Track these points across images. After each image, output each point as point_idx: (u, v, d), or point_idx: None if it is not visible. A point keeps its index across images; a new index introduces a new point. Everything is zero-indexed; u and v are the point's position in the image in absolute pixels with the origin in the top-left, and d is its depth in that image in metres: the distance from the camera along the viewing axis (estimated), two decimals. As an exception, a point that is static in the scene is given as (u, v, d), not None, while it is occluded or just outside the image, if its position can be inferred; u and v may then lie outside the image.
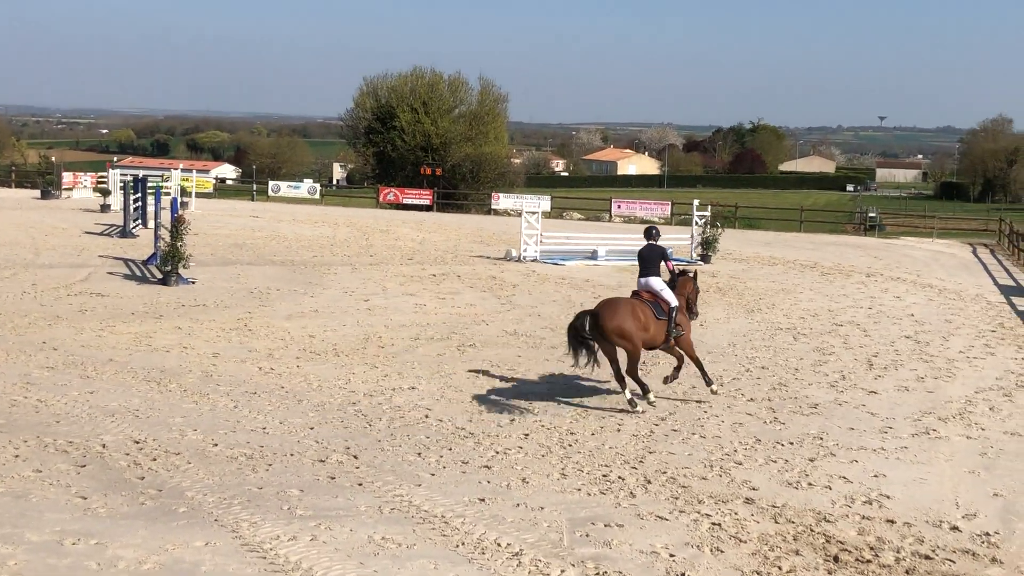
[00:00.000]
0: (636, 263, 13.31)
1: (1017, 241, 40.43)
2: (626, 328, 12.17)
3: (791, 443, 11.16)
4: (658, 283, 12.97)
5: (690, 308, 13.28)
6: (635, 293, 12.96)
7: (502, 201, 54.91)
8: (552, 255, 28.98)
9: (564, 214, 57.80)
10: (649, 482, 9.59)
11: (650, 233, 13.65)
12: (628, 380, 12.27)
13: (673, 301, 12.80)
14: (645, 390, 12.43)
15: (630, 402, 12.15)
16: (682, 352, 12.97)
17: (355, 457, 10.00)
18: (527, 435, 11.00)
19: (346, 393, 12.52)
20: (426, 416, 11.64)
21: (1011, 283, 29.67)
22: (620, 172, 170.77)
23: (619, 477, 9.69)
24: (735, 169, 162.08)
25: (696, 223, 30.26)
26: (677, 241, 31.44)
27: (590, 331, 12.10)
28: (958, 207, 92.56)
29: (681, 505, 9.01)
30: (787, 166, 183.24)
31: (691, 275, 13.44)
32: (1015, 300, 24.92)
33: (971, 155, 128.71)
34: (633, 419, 11.78)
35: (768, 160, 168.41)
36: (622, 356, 12.31)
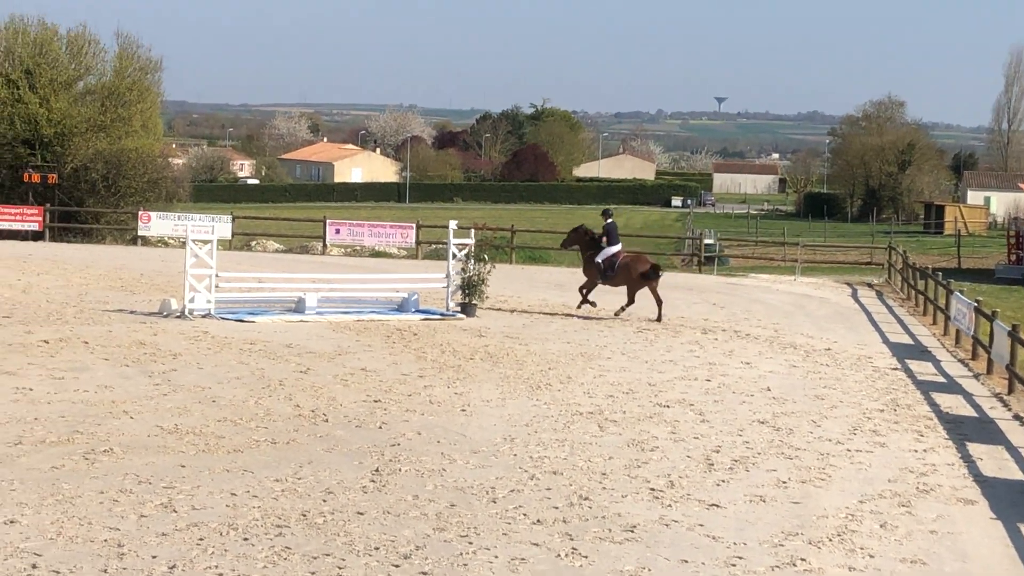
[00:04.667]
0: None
1: (914, 279, 42.99)
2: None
3: (598, 585, 11.38)
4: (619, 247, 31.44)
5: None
6: (612, 255, 31.10)
7: (155, 224, 54.14)
8: (235, 307, 28.74)
9: (254, 243, 57.57)
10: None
11: (608, 213, 32.33)
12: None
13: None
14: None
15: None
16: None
17: (-84, 637, 9.55)
18: (196, 590, 10.79)
19: (-99, 535, 11.98)
20: (34, 567, 11.27)
21: (907, 340, 31.51)
22: (339, 179, 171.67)
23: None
24: (511, 174, 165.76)
25: (454, 255, 30.66)
26: (424, 284, 31.78)
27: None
28: (831, 230, 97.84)
29: None
30: (586, 170, 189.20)
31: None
32: (913, 365, 26.47)
33: (847, 154, 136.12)
34: (361, 560, 11.77)
35: (559, 161, 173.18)
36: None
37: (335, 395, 19.70)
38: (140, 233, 54.05)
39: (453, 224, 31.84)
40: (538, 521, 13.32)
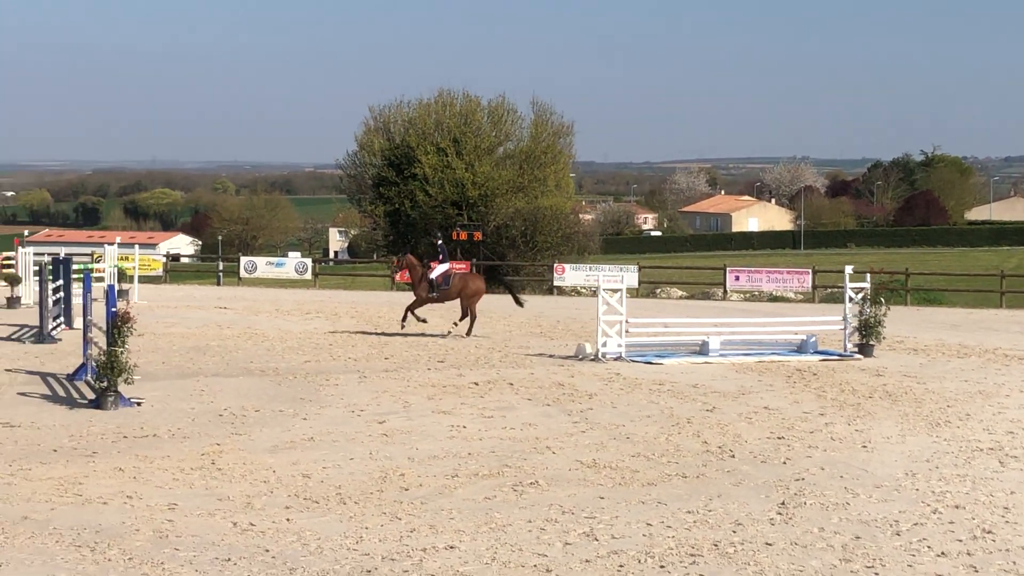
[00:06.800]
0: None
1: None
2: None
3: (1004, 617, 10.96)
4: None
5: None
6: (445, 271, 33.19)
7: (569, 275, 55.26)
8: (643, 350, 28.96)
9: (658, 291, 57.96)
10: None
11: (438, 236, 37.31)
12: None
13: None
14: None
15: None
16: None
17: (373, 650, 9.96)
18: (619, 613, 10.90)
19: (357, 557, 12.52)
20: (473, 588, 11.60)
21: None
22: (736, 228, 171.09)
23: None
24: (903, 220, 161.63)
25: (850, 299, 30.13)
26: (822, 327, 31.26)
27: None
28: None
29: None
30: (978, 213, 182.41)
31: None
32: None
33: None
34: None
35: (950, 206, 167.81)
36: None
37: (740, 432, 19.62)
38: (556, 283, 55.27)
39: (849, 269, 31.33)
40: (942, 554, 12.91)
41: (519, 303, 34.84)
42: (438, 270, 33.23)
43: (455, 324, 32.96)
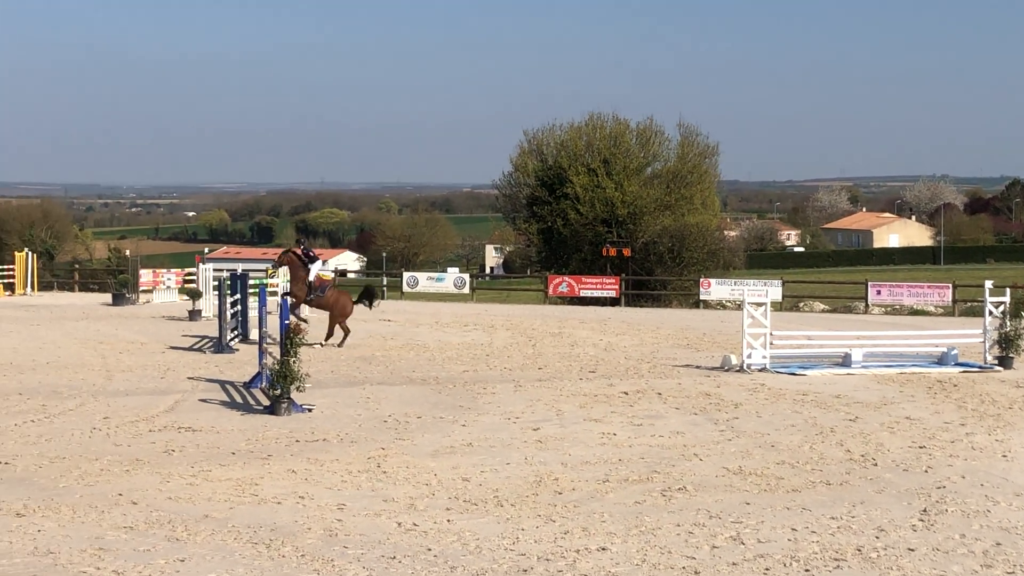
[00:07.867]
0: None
1: None
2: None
3: None
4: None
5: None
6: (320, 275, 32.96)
7: (714, 289, 54.92)
8: (787, 362, 28.64)
9: (801, 304, 57.23)
10: None
11: (303, 244, 34.55)
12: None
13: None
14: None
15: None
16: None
17: (530, 646, 9.98)
18: (765, 614, 10.79)
19: (514, 557, 12.57)
20: (624, 588, 11.56)
21: None
22: (877, 244, 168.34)
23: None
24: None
25: (990, 312, 29.48)
26: (962, 339, 30.61)
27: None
28: None
29: None
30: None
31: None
32: None
33: None
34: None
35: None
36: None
37: (882, 441, 19.29)
38: (702, 297, 54.95)
39: (989, 283, 30.68)
40: (1083, 562, 12.57)
41: (369, 304, 33.45)
42: (315, 270, 32.71)
43: (322, 343, 31.78)
